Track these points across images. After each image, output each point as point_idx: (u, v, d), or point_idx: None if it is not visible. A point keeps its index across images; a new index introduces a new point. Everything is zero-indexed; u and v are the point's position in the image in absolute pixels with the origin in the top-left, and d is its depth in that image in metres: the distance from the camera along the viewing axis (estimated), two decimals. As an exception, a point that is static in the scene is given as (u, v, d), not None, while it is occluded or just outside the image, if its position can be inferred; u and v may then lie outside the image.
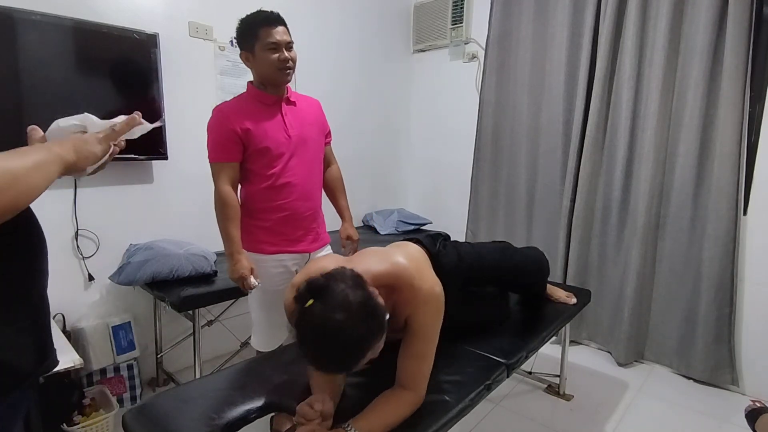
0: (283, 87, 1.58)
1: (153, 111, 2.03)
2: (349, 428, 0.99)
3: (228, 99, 1.63)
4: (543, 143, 2.72)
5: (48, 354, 0.72)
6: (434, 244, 1.43)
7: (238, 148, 1.50)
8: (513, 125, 2.86)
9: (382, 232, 2.97)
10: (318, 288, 0.91)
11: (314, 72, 2.82)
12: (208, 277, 1.94)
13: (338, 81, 2.97)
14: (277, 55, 1.48)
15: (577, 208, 2.57)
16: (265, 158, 1.53)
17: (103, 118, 0.75)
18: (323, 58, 2.86)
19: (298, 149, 1.58)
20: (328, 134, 1.78)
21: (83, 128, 0.72)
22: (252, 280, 1.50)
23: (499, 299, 1.71)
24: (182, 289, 1.78)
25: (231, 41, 2.39)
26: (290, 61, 1.51)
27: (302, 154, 1.59)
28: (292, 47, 1.52)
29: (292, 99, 1.62)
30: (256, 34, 1.48)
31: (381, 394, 1.09)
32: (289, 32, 1.52)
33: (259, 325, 1.70)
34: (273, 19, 1.48)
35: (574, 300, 1.87)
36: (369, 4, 3.09)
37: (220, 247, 1.54)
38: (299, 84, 2.74)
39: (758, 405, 1.95)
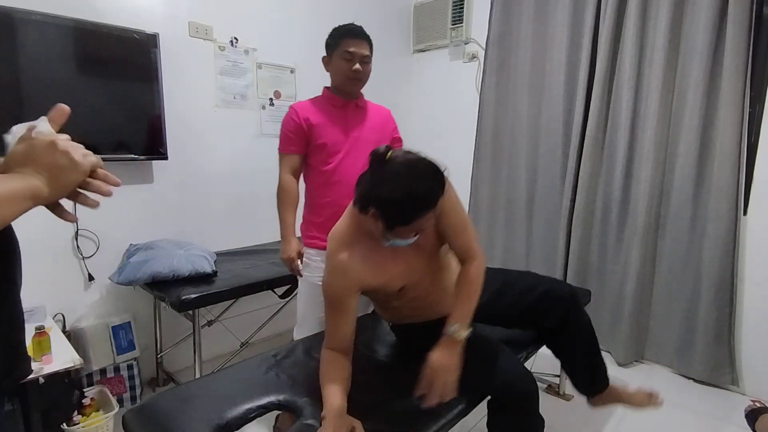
0: (354, 94, 1.67)
1: (152, 111, 2.03)
2: (453, 327, 1.14)
3: (228, 99, 1.64)
4: (543, 143, 2.72)
5: (18, 364, 0.69)
6: None
7: (301, 141, 1.63)
8: (513, 125, 2.86)
9: (382, 232, 2.96)
10: (388, 147, 1.07)
11: (314, 72, 2.81)
12: (208, 277, 1.94)
13: (338, 81, 2.97)
14: (349, 65, 1.58)
15: (577, 208, 2.57)
16: (323, 154, 1.62)
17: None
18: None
19: (354, 149, 1.63)
20: (395, 140, 1.84)
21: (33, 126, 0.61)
22: (298, 263, 1.64)
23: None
24: (182, 289, 1.78)
25: (231, 41, 2.39)
26: (360, 73, 1.60)
27: (358, 155, 1.61)
28: (367, 61, 1.61)
29: (360, 104, 1.70)
30: (338, 42, 1.60)
31: (456, 283, 1.24)
32: (370, 48, 1.63)
33: (305, 319, 1.71)
34: (357, 32, 1.60)
35: (659, 401, 1.55)
36: (369, 4, 3.09)
37: (221, 247, 1.55)
38: (299, 84, 2.75)
39: (758, 405, 1.96)
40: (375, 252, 1.17)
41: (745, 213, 2.13)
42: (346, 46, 1.58)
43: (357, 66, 1.59)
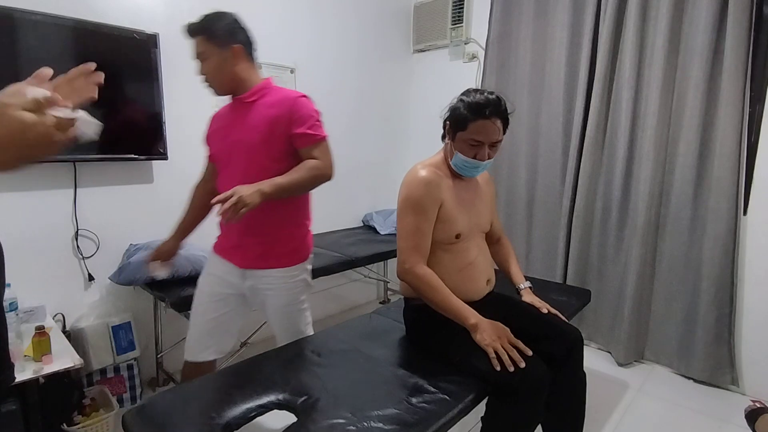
0: (231, 91, 1.44)
1: (152, 111, 2.03)
2: (526, 283, 1.62)
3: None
4: (543, 143, 2.72)
5: (2, 371, 0.67)
6: None
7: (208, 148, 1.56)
8: (513, 125, 2.83)
9: (382, 232, 2.97)
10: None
11: (314, 72, 2.82)
12: (208, 277, 1.94)
13: (338, 81, 2.97)
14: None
15: (577, 208, 2.57)
16: (216, 166, 1.52)
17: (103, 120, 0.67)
18: (322, 59, 2.86)
19: (232, 157, 1.42)
20: (296, 137, 1.37)
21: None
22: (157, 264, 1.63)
23: None
24: (182, 289, 1.79)
25: (231, 41, 2.38)
26: (202, 75, 1.42)
27: (236, 163, 1.40)
28: (204, 58, 1.38)
29: (248, 100, 1.41)
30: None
31: (506, 253, 1.69)
32: (206, 40, 1.35)
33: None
34: (188, 31, 1.37)
35: None
36: (369, 4, 3.09)
37: (220, 247, 1.55)
38: (299, 84, 2.75)
39: (758, 405, 1.96)
40: (451, 189, 1.40)
41: (745, 213, 2.13)
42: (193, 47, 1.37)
43: (199, 69, 1.40)
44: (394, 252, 2.67)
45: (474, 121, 1.31)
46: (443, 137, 1.44)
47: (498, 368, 1.17)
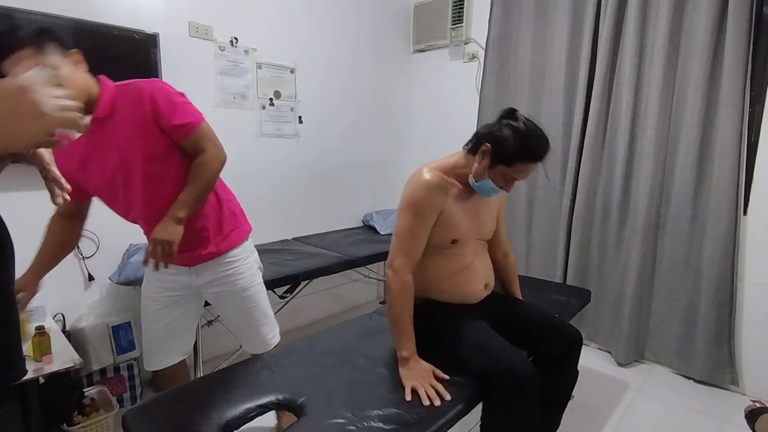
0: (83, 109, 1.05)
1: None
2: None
3: (228, 99, 1.59)
4: (543, 143, 2.72)
5: (15, 363, 0.67)
6: None
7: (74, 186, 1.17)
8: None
9: (382, 232, 2.97)
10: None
11: (314, 72, 2.82)
12: (208, 277, 1.94)
13: (338, 81, 2.97)
14: None
15: (577, 208, 2.57)
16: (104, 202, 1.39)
17: None
18: (322, 58, 2.86)
19: (107, 188, 1.30)
20: (173, 130, 1.23)
21: None
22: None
23: None
24: (182, 289, 1.78)
25: (231, 41, 2.39)
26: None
27: (132, 185, 1.26)
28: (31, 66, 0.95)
29: (100, 116, 1.18)
30: None
31: (508, 276, 1.68)
32: (35, 52, 1.05)
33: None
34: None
35: None
36: (369, 4, 3.09)
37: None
38: (299, 84, 2.75)
39: (758, 405, 1.95)
40: (456, 196, 1.38)
41: (745, 213, 2.13)
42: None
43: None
44: (394, 252, 2.69)
45: (524, 162, 1.27)
46: (471, 150, 1.35)
47: (409, 398, 1.16)
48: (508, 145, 1.25)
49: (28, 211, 1.84)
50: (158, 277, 1.42)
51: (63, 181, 0.87)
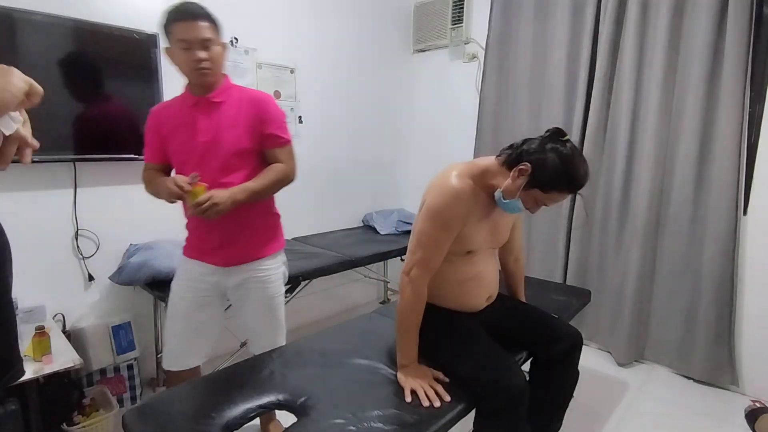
0: (206, 87, 1.38)
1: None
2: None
3: None
4: (543, 143, 2.72)
5: (12, 365, 0.68)
6: None
7: (157, 150, 1.45)
8: (513, 125, 2.86)
9: (382, 232, 2.97)
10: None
11: (314, 72, 2.82)
12: (208, 277, 1.94)
13: (338, 81, 2.97)
14: (189, 55, 1.30)
15: (577, 208, 2.57)
16: (175, 165, 1.44)
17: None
18: (323, 59, 2.86)
19: (206, 158, 1.37)
20: (267, 138, 1.41)
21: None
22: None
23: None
24: (182, 289, 1.78)
25: (231, 41, 2.39)
26: (206, 61, 1.31)
27: (209, 164, 1.37)
28: (210, 45, 1.31)
29: (216, 99, 1.38)
30: (170, 30, 1.31)
31: (515, 280, 1.66)
32: (212, 27, 1.32)
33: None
34: (188, 14, 1.29)
35: None
36: (369, 4, 3.09)
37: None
38: (299, 84, 2.75)
39: (758, 405, 1.96)
40: (480, 204, 1.31)
41: (745, 213, 2.13)
42: (179, 34, 1.28)
43: (198, 54, 1.29)
44: (394, 252, 2.69)
45: (560, 192, 1.23)
46: (507, 164, 1.27)
47: (408, 400, 1.16)
48: (549, 172, 1.18)
49: (28, 211, 1.85)
50: (190, 276, 1.49)
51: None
